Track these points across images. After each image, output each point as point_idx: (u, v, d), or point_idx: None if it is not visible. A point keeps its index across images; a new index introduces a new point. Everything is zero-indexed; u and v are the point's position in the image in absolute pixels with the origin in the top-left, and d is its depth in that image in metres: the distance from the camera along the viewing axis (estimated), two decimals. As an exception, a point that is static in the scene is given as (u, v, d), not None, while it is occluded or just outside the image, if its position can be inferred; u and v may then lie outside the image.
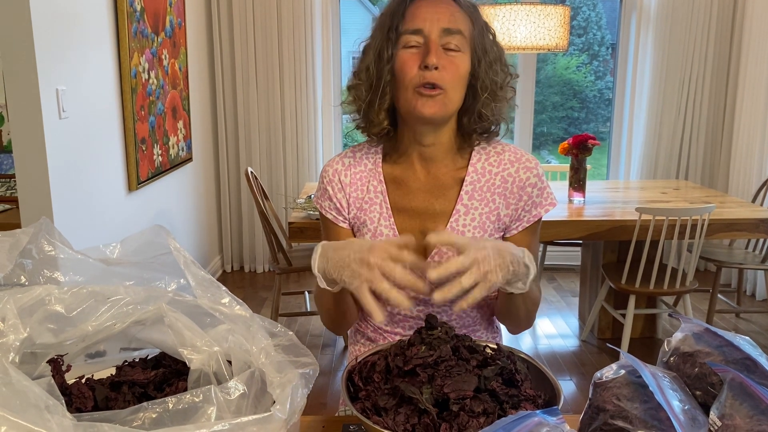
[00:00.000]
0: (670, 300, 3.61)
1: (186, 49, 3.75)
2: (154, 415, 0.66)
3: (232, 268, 4.62)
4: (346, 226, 1.30)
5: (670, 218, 2.84)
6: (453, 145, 1.27)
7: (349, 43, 1.33)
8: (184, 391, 0.69)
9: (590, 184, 3.62)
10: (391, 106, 1.23)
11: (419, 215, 1.26)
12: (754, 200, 3.66)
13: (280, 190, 4.39)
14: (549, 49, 3.22)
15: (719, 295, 3.64)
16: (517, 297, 1.12)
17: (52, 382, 0.66)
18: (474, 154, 1.28)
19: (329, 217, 1.30)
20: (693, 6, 4.14)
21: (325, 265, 1.04)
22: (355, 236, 1.30)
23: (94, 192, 2.69)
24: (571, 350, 3.35)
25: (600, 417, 0.77)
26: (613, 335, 3.47)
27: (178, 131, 3.65)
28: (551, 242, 3.98)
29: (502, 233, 1.28)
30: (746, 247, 3.67)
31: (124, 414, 0.65)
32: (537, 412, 0.70)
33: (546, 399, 0.92)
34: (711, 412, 0.73)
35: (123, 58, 2.89)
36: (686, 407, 0.73)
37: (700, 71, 4.22)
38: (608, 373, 0.81)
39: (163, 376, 0.84)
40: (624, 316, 3.12)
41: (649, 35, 4.25)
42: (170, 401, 0.67)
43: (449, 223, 1.24)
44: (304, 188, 3.66)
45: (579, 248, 4.10)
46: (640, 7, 4.27)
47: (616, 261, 3.34)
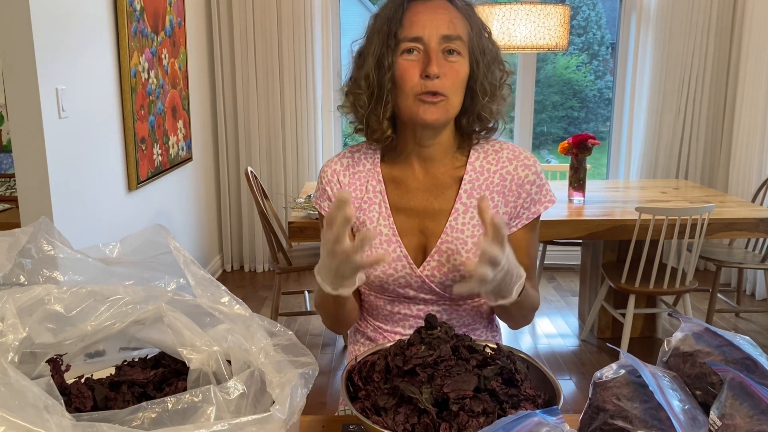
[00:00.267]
0: (669, 299, 3.61)
1: (186, 49, 3.75)
2: (153, 415, 0.66)
3: (232, 267, 4.62)
4: (346, 226, 1.30)
5: (670, 218, 2.84)
6: (452, 145, 1.27)
7: (349, 42, 1.33)
8: (184, 391, 0.69)
9: (590, 184, 3.62)
10: (393, 112, 1.23)
11: (418, 214, 1.26)
12: (753, 200, 3.66)
13: (280, 189, 4.39)
14: (549, 49, 3.22)
15: (719, 295, 3.64)
16: (510, 305, 1.11)
17: (51, 382, 0.66)
18: (472, 152, 1.28)
19: (329, 217, 1.30)
20: (693, 5, 4.14)
21: (323, 276, 1.07)
22: (355, 236, 1.30)
23: (94, 191, 2.69)
24: (570, 350, 3.35)
25: (600, 417, 0.77)
26: (613, 335, 3.47)
27: (178, 131, 3.65)
28: (551, 242, 3.98)
29: (501, 231, 1.28)
30: (746, 247, 3.67)
31: (123, 414, 0.65)
32: (537, 411, 0.70)
33: (546, 399, 0.92)
34: (711, 412, 0.73)
35: (123, 58, 2.89)
36: (686, 407, 0.73)
37: (699, 71, 4.22)
38: (608, 372, 0.81)
39: (162, 375, 0.84)
40: (624, 315, 3.12)
41: (649, 35, 4.25)
42: (169, 401, 0.67)
43: (448, 222, 1.24)
44: (304, 188, 3.66)
45: (579, 248, 4.10)
46: (640, 7, 4.27)
47: (615, 260, 3.34)
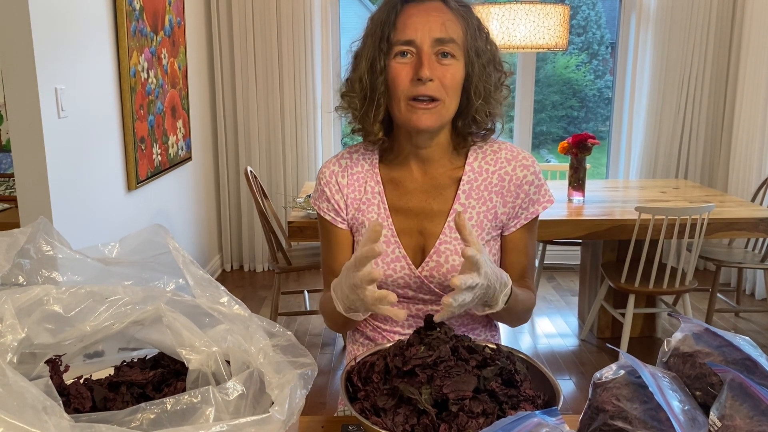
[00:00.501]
0: (669, 299, 3.61)
1: (185, 48, 3.74)
2: (152, 416, 0.66)
3: (232, 267, 4.62)
4: (345, 227, 1.30)
5: (670, 217, 2.84)
6: (449, 146, 1.27)
7: (349, 42, 1.33)
8: (183, 392, 0.69)
9: (590, 184, 3.62)
10: (386, 115, 1.22)
11: (417, 215, 1.26)
12: (753, 199, 3.66)
13: (280, 189, 4.39)
14: (548, 49, 3.22)
15: (719, 295, 3.63)
16: (500, 312, 1.10)
17: (49, 383, 0.66)
18: (470, 153, 1.28)
19: (327, 218, 1.30)
20: (692, 5, 4.13)
21: (344, 304, 1.06)
22: (354, 236, 1.30)
23: (93, 191, 2.68)
24: (570, 349, 3.35)
25: (599, 417, 0.77)
26: (613, 334, 3.47)
27: (178, 130, 3.65)
28: (551, 241, 3.98)
29: (499, 231, 1.28)
30: (745, 247, 3.67)
31: (121, 415, 0.65)
32: (536, 412, 0.70)
33: (545, 399, 0.92)
34: (711, 413, 0.73)
35: (122, 57, 2.88)
36: (686, 408, 0.73)
37: (699, 70, 4.22)
38: (608, 373, 0.81)
39: (161, 376, 0.83)
40: (623, 315, 3.12)
41: (649, 34, 4.25)
42: (168, 402, 0.67)
43: (447, 223, 1.24)
44: (304, 187, 3.65)
45: (578, 247, 4.10)
46: (640, 6, 4.26)
47: (615, 260, 3.34)
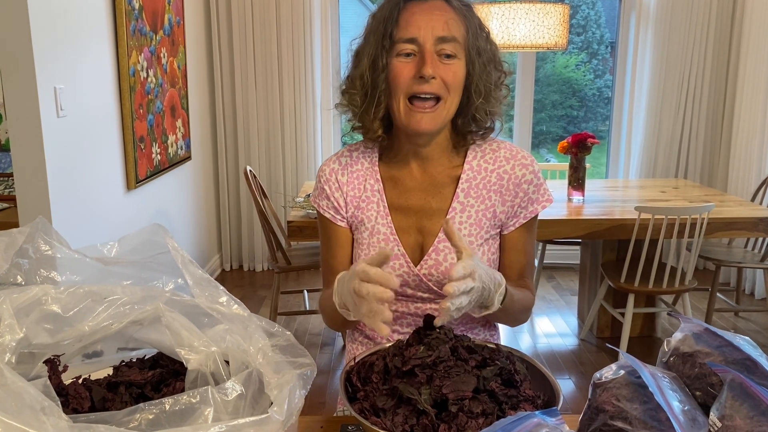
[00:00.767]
0: (669, 299, 3.61)
1: (185, 48, 3.74)
2: (150, 417, 0.66)
3: (231, 266, 4.62)
4: (344, 224, 1.30)
5: (670, 217, 2.83)
6: (449, 144, 1.27)
7: (348, 41, 1.33)
8: (182, 392, 0.69)
9: (589, 183, 3.61)
10: (386, 113, 1.22)
11: (416, 213, 1.27)
12: (753, 199, 3.66)
13: (279, 188, 4.39)
14: (548, 48, 3.22)
15: (718, 294, 3.63)
16: (497, 312, 1.09)
17: (48, 383, 0.66)
18: (470, 151, 1.28)
19: (327, 216, 1.30)
20: (692, 4, 4.13)
21: (340, 300, 1.07)
22: (353, 234, 1.30)
23: (93, 191, 2.68)
24: (570, 349, 3.35)
25: (599, 418, 0.77)
26: (612, 334, 3.47)
27: (177, 130, 3.64)
28: (550, 241, 3.97)
29: (498, 230, 1.28)
30: (745, 246, 3.67)
31: (120, 415, 0.65)
32: (536, 413, 0.70)
33: (545, 399, 0.92)
34: (711, 413, 0.73)
35: (121, 57, 2.88)
36: (686, 408, 0.73)
37: (699, 70, 4.22)
38: (608, 373, 0.80)
39: (160, 376, 0.83)
40: (623, 314, 3.12)
41: (649, 34, 4.24)
42: (167, 402, 0.67)
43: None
44: (303, 187, 3.65)
45: (578, 247, 4.10)
46: (640, 6, 4.26)
47: (615, 260, 3.34)
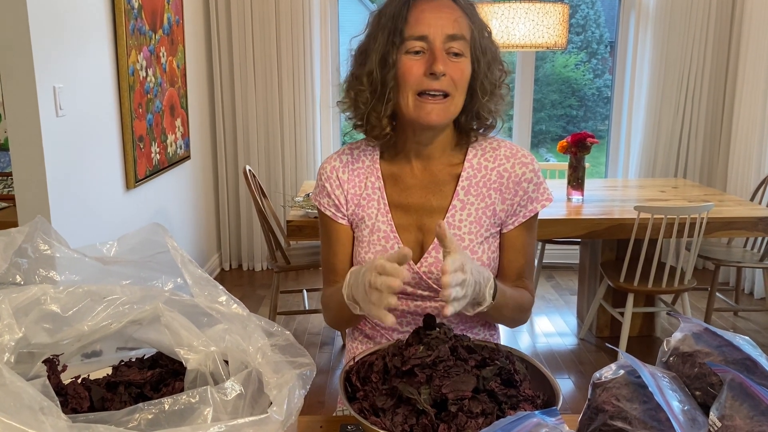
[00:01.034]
0: (668, 298, 3.61)
1: (184, 47, 3.74)
2: (149, 416, 0.66)
3: (231, 266, 4.62)
4: (345, 222, 1.30)
5: (669, 216, 2.83)
6: (450, 142, 1.28)
7: (348, 40, 1.33)
8: (181, 392, 0.69)
9: (589, 183, 3.61)
10: (393, 110, 1.23)
11: (416, 211, 1.27)
12: (752, 198, 3.66)
13: (279, 188, 4.38)
14: (548, 47, 3.22)
15: (717, 294, 3.63)
16: (491, 311, 1.11)
17: (46, 383, 0.66)
18: (470, 150, 1.28)
19: (328, 213, 1.30)
20: (692, 4, 4.13)
21: (349, 291, 1.09)
22: (354, 232, 1.30)
23: (92, 190, 2.68)
24: (569, 349, 3.35)
25: (599, 417, 0.77)
26: (612, 333, 3.47)
27: (176, 129, 3.64)
28: (550, 240, 3.97)
29: (498, 228, 1.28)
30: (744, 246, 3.67)
31: (119, 415, 0.65)
32: (536, 412, 0.70)
33: (545, 399, 0.92)
34: (711, 413, 0.73)
35: (120, 56, 2.88)
36: (686, 408, 0.73)
37: (698, 69, 4.22)
38: (607, 373, 0.80)
39: (159, 376, 0.83)
40: (622, 314, 3.12)
41: (648, 33, 4.24)
42: (166, 402, 0.67)
43: (445, 219, 1.25)
44: (303, 186, 3.65)
45: (577, 246, 4.10)
46: (639, 5, 4.26)
47: (614, 259, 3.34)
